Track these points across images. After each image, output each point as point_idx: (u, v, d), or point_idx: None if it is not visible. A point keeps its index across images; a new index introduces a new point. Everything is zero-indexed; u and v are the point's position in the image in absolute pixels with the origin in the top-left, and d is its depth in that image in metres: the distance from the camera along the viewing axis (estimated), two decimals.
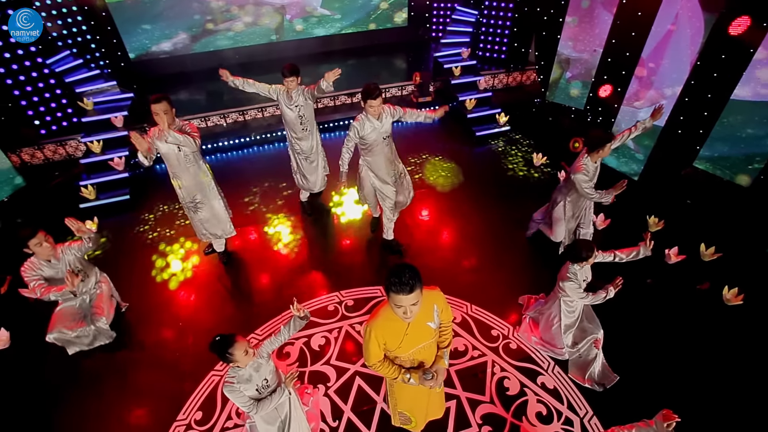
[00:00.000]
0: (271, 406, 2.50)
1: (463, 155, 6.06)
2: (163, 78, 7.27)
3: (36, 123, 5.80)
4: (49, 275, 3.26)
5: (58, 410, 3.33)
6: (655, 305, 3.96)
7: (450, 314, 2.29)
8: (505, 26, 7.39)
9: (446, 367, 2.33)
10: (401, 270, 1.85)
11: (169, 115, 3.40)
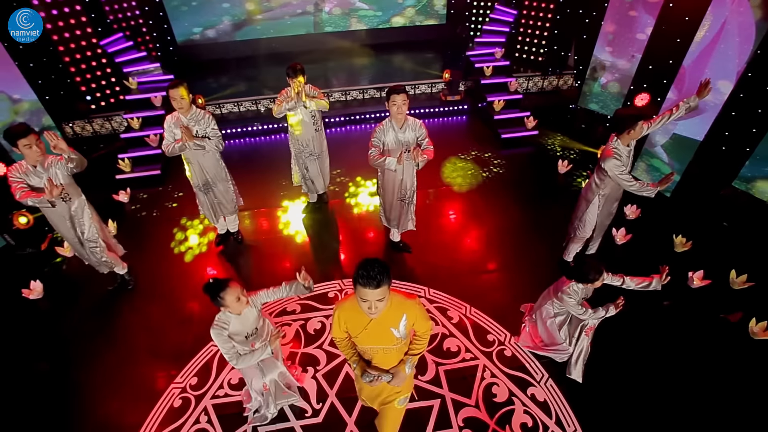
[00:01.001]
0: (252, 361, 2.52)
1: (485, 157, 5.89)
2: (203, 63, 7.59)
3: (88, 98, 6.23)
4: (34, 183, 3.19)
5: (71, 364, 3.58)
6: (670, 330, 3.68)
7: (426, 326, 2.19)
8: (544, 28, 7.10)
9: (406, 374, 2.21)
10: (371, 264, 1.80)
11: (186, 100, 3.53)
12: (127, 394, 3.32)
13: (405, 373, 2.20)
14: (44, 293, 4.14)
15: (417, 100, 7.07)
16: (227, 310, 2.39)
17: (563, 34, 6.95)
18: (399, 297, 2.07)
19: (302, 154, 4.51)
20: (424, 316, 2.15)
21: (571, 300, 2.96)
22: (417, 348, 2.24)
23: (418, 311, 2.09)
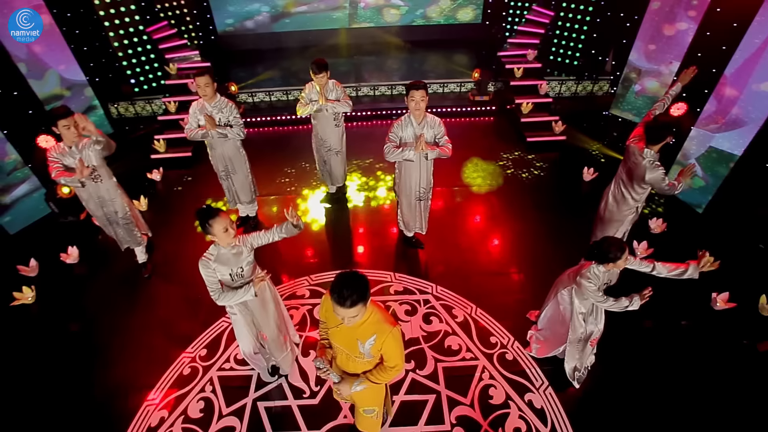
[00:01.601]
0: (233, 300, 2.58)
1: (508, 159, 5.77)
2: (240, 52, 7.82)
3: (132, 81, 6.58)
4: (68, 163, 3.35)
5: (96, 324, 3.84)
6: (684, 350, 3.50)
7: (395, 360, 2.06)
8: (582, 31, 6.84)
9: (350, 389, 2.15)
10: (347, 283, 1.75)
11: (210, 88, 3.68)
12: (143, 357, 3.53)
13: (349, 388, 2.14)
14: (80, 258, 4.45)
15: (445, 98, 7.00)
16: (215, 240, 2.46)
17: (602, 38, 6.67)
18: (379, 317, 1.99)
19: (321, 149, 4.59)
20: (395, 349, 2.03)
21: (591, 285, 2.65)
22: (377, 377, 2.14)
23: (390, 339, 1.98)
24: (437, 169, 5.16)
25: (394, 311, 3.79)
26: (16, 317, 3.90)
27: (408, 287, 4.03)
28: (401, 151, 3.46)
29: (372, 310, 1.97)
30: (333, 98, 4.26)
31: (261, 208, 4.90)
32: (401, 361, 2.09)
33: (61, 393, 3.31)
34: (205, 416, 3.12)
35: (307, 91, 4.24)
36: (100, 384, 3.36)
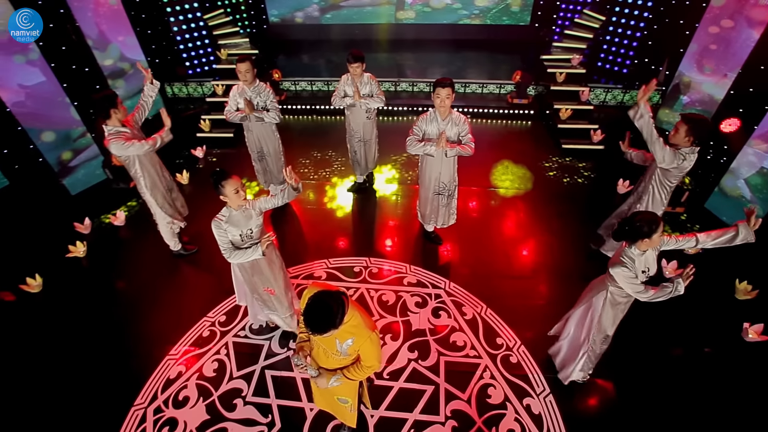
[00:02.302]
0: (243, 258, 2.77)
1: (540, 164, 5.63)
2: (287, 42, 8.10)
3: (186, 64, 7.01)
4: None
5: (132, 282, 4.19)
6: (704, 377, 3.31)
7: (371, 362, 2.14)
8: (634, 37, 6.50)
9: (327, 383, 2.21)
10: (315, 311, 1.82)
11: (251, 74, 3.88)
12: (169, 316, 3.82)
13: (326, 382, 2.20)
14: (126, 222, 4.86)
15: (484, 99, 6.91)
16: (227, 201, 2.67)
17: (658, 46, 6.31)
18: (359, 321, 2.05)
19: (353, 139, 4.70)
20: (371, 351, 2.09)
21: (626, 271, 2.32)
22: (353, 374, 2.20)
23: (367, 343, 2.06)
24: (466, 167, 5.15)
25: (405, 302, 3.86)
26: (68, 267, 4.33)
27: (422, 280, 4.07)
28: (423, 145, 3.50)
29: (353, 314, 2.03)
30: (367, 91, 4.35)
31: None
32: (377, 362, 2.16)
33: (96, 337, 3.66)
34: (217, 376, 3.34)
35: (342, 83, 4.36)
36: (131, 333, 3.68)
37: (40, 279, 4.12)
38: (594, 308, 2.77)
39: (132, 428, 3.05)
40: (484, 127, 6.55)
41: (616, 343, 3.24)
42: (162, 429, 3.04)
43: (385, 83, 7.03)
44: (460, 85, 6.98)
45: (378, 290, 3.98)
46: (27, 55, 4.68)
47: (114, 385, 3.30)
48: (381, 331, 3.62)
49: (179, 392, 3.25)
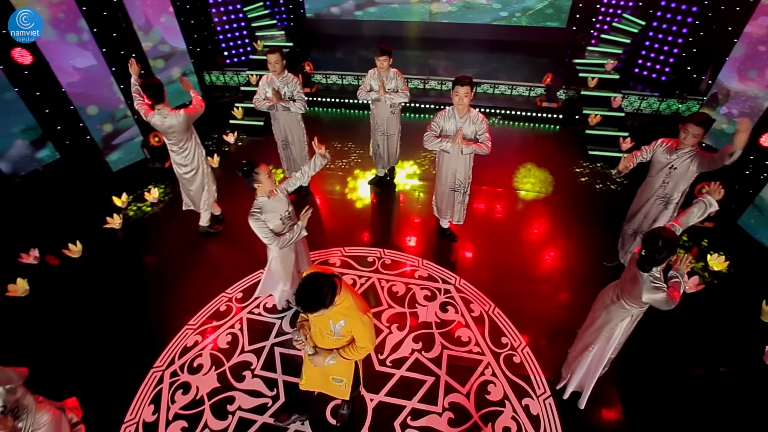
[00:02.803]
0: (292, 240, 2.91)
1: (563, 169, 5.52)
2: (322, 36, 8.26)
3: (225, 54, 7.30)
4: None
5: (159, 257, 4.46)
6: (718, 401, 3.20)
7: (364, 343, 2.22)
8: (676, 44, 6.24)
9: (323, 361, 2.31)
10: (306, 295, 1.91)
11: (279, 65, 4.03)
12: (191, 289, 4.04)
13: (322, 360, 2.30)
14: (159, 199, 5.16)
15: (513, 101, 6.83)
16: (260, 188, 2.80)
17: (702, 54, 6.02)
18: (351, 303, 2.13)
19: (376, 132, 4.79)
20: (364, 332, 2.17)
21: (658, 294, 2.33)
22: (348, 353, 2.29)
23: (358, 324, 2.14)
24: (488, 168, 5.15)
25: (414, 294, 3.92)
26: (105, 237, 4.66)
27: (433, 275, 4.12)
28: (439, 141, 3.54)
29: (345, 297, 2.11)
30: (392, 86, 4.42)
31: (313, 180, 5.25)
32: (370, 343, 2.23)
33: (125, 301, 3.93)
34: (230, 348, 3.52)
35: (368, 76, 4.45)
36: (155, 301, 3.94)
37: (80, 246, 4.45)
38: (614, 336, 2.70)
39: (150, 387, 3.28)
40: (510, 129, 6.47)
41: (631, 355, 3.19)
42: (176, 391, 3.25)
43: (414, 80, 7.07)
44: (488, 85, 6.93)
45: (389, 281, 4.06)
46: (80, 36, 5.03)
47: (137, 347, 3.55)
48: (388, 320, 3.70)
49: (194, 359, 3.45)
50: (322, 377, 2.61)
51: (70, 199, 5.16)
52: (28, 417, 2.68)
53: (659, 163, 3.36)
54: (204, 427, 3.04)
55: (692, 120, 3.07)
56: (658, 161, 3.36)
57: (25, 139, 5.08)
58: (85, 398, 3.15)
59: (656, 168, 3.41)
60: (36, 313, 3.90)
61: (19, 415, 2.62)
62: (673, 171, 3.30)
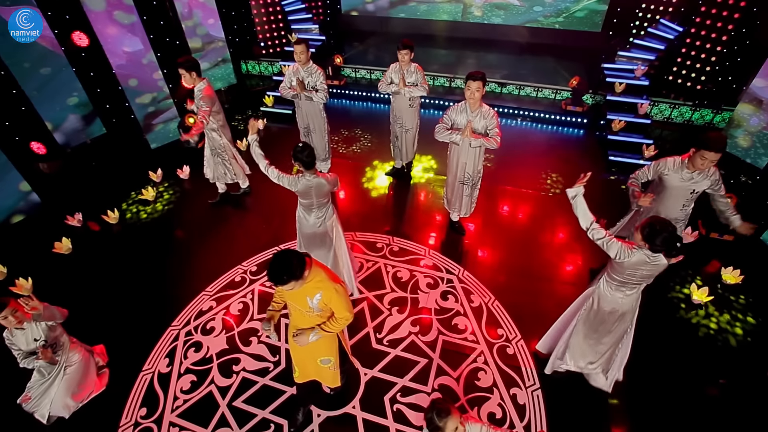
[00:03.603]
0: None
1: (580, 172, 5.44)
2: (356, 31, 8.47)
3: (261, 45, 7.64)
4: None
5: (184, 227, 4.79)
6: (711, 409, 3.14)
7: (342, 313, 2.33)
8: (714, 51, 6.00)
9: (308, 339, 2.39)
10: (275, 266, 2.01)
11: (305, 55, 4.24)
12: (210, 259, 4.34)
13: (306, 338, 2.39)
14: (189, 176, 5.53)
15: (538, 103, 6.78)
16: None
17: (742, 63, 5.76)
18: (323, 276, 2.24)
19: (395, 125, 4.92)
20: (340, 302, 2.28)
21: (614, 245, 2.49)
22: (330, 327, 2.39)
23: (333, 295, 2.25)
24: (504, 166, 5.19)
25: (418, 281, 4.04)
26: (139, 206, 5.06)
27: (437, 264, 4.22)
28: (449, 133, 3.63)
29: (317, 272, 2.22)
30: (412, 80, 4.54)
31: (333, 167, 5.45)
32: (348, 312, 2.34)
33: (152, 264, 4.28)
34: (240, 315, 3.78)
35: (390, 70, 4.59)
36: (178, 266, 4.26)
37: (117, 213, 4.86)
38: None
39: (166, 344, 3.58)
40: (533, 131, 6.43)
41: (631, 361, 3.17)
42: (189, 349, 3.53)
43: (440, 78, 7.14)
44: (514, 86, 6.91)
45: (395, 267, 4.20)
46: (129, 17, 5.46)
47: (159, 307, 3.87)
48: (389, 303, 3.84)
49: (208, 322, 3.73)
50: (312, 363, 2.70)
51: (112, 171, 5.62)
52: (63, 353, 3.03)
53: (675, 188, 3.12)
54: (210, 383, 3.30)
55: (712, 148, 2.78)
56: (672, 186, 3.12)
57: (78, 114, 5.57)
58: (110, 346, 3.50)
59: (672, 193, 3.15)
60: (76, 268, 4.32)
61: (56, 350, 2.97)
62: (694, 195, 3.12)
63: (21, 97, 5.12)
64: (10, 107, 5.09)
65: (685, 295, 3.90)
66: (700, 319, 3.71)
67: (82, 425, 3.08)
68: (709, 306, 3.80)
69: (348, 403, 3.15)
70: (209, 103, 4.18)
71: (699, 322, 3.68)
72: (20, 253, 4.51)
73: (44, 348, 2.82)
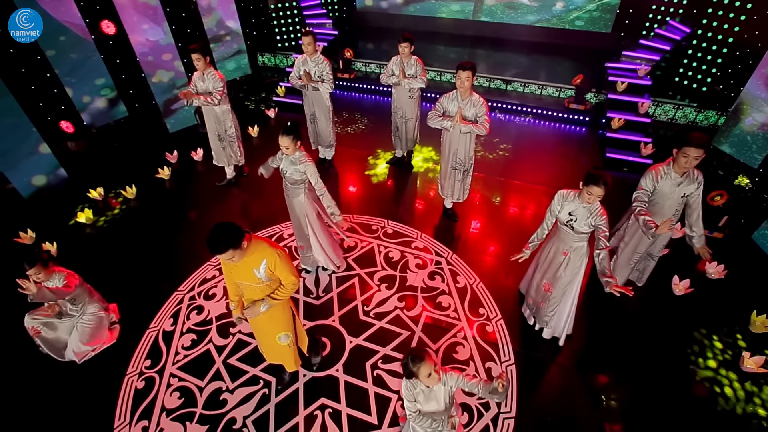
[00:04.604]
0: None
1: (576, 168, 5.54)
2: (368, 28, 8.68)
3: (278, 38, 7.95)
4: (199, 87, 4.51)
5: (194, 207, 5.10)
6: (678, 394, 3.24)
7: (288, 278, 2.44)
8: (721, 54, 5.98)
9: (260, 310, 2.48)
10: (214, 233, 2.09)
11: (312, 47, 4.47)
12: None
13: (257, 308, 2.48)
14: (203, 158, 5.85)
15: (542, 101, 6.86)
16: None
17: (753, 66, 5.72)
18: (263, 245, 2.35)
19: (395, 115, 5.12)
20: (284, 266, 2.39)
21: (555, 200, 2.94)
22: (279, 294, 2.49)
23: (277, 259, 2.35)
24: (502, 160, 5.32)
25: (408, 261, 4.23)
26: (155, 184, 5.41)
27: (428, 247, 4.40)
28: (441, 119, 3.82)
29: (257, 243, 2.34)
30: (412, 72, 4.73)
31: (337, 154, 5.68)
32: (293, 276, 2.46)
33: (166, 235, 4.60)
34: None
35: (391, 62, 4.80)
36: (186, 239, 4.57)
37: (135, 189, 5.21)
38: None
39: (172, 305, 3.88)
40: (536, 128, 6.53)
41: (604, 339, 3.30)
42: (192, 311, 3.82)
43: (447, 74, 7.29)
44: (519, 83, 7.01)
45: (387, 247, 4.40)
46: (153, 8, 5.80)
47: (167, 273, 4.17)
48: (379, 280, 4.05)
49: (210, 289, 4.01)
50: (272, 341, 2.84)
51: (132, 150, 5.99)
52: (84, 305, 3.32)
53: (667, 195, 3.10)
54: (209, 342, 3.57)
55: (693, 144, 2.83)
56: (664, 193, 3.10)
57: (103, 97, 5.96)
58: (122, 306, 3.81)
59: (665, 199, 3.13)
60: (95, 237, 4.68)
61: (75, 302, 3.26)
62: (684, 198, 3.10)
63: (54, 80, 5.54)
64: (45, 89, 5.52)
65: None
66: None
67: (93, 371, 3.40)
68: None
69: (332, 367, 3.37)
70: (222, 84, 4.46)
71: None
72: (46, 221, 4.90)
73: (53, 304, 3.09)
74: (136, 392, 3.26)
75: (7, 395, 3.28)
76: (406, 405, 2.26)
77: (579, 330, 3.54)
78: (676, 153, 2.96)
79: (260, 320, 2.72)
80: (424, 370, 2.06)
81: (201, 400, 3.19)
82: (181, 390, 3.25)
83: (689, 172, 3.01)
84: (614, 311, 3.78)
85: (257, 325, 2.85)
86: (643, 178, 3.14)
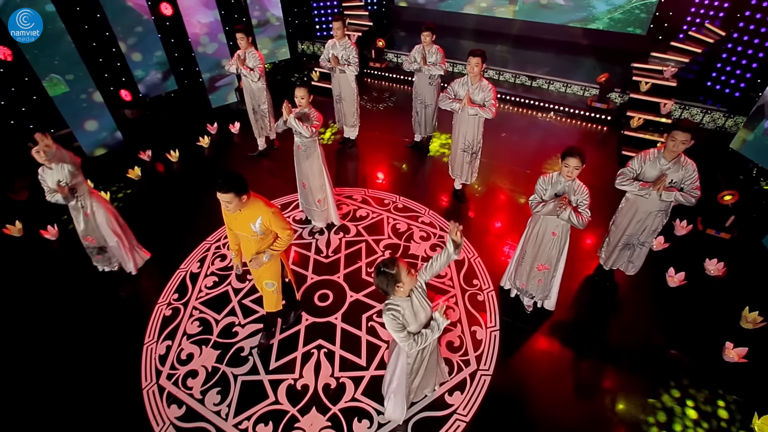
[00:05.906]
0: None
1: (592, 165, 5.55)
2: (404, 21, 8.95)
3: (316, 27, 8.40)
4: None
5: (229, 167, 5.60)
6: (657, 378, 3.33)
7: (283, 233, 2.77)
8: (756, 58, 5.81)
9: (264, 260, 2.84)
10: (223, 174, 2.44)
11: (340, 31, 4.83)
12: None
13: (261, 259, 2.84)
14: (239, 131, 6.38)
15: (565, 98, 6.89)
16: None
17: None
18: (259, 203, 2.68)
19: (416, 100, 5.40)
20: (278, 222, 2.72)
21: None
22: (278, 245, 2.85)
23: (271, 217, 2.68)
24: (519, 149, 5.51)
25: (413, 233, 4.51)
26: (196, 151, 5.98)
27: (433, 222, 4.66)
28: (450, 102, 4.06)
29: (254, 200, 2.68)
30: (432, 60, 4.99)
31: (360, 133, 6.01)
32: (287, 229, 2.80)
33: (199, 196, 5.12)
34: None
35: (414, 50, 5.09)
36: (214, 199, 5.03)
37: (178, 153, 5.79)
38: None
39: (200, 252, 4.37)
40: (558, 124, 6.58)
41: (593, 325, 3.48)
42: (216, 258, 4.29)
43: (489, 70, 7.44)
44: (543, 81, 7.07)
45: (396, 220, 4.70)
46: None
47: (197, 225, 4.67)
48: (384, 247, 4.35)
49: None
50: (262, 287, 3.19)
51: (178, 120, 6.62)
52: (85, 198, 3.62)
53: (653, 179, 3.16)
54: (228, 284, 4.02)
55: (679, 127, 2.93)
56: (650, 176, 3.17)
57: (158, 71, 6.61)
58: (158, 250, 4.33)
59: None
60: (142, 193, 5.28)
61: (75, 192, 3.54)
62: (670, 185, 3.13)
63: (118, 54, 6.23)
64: (110, 61, 6.22)
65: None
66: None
67: (130, 297, 3.93)
68: None
69: (332, 315, 3.72)
70: (261, 63, 4.92)
71: None
72: (105, 175, 5.56)
73: (62, 186, 3.38)
74: (164, 318, 3.75)
75: (59, 306, 3.87)
76: (398, 339, 2.20)
77: (565, 307, 3.70)
78: (666, 137, 3.06)
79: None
80: (402, 269, 2.07)
81: (216, 330, 3.63)
82: (201, 320, 3.71)
83: (679, 159, 3.09)
84: (604, 294, 3.89)
85: (254, 272, 3.17)
86: (633, 159, 3.27)
